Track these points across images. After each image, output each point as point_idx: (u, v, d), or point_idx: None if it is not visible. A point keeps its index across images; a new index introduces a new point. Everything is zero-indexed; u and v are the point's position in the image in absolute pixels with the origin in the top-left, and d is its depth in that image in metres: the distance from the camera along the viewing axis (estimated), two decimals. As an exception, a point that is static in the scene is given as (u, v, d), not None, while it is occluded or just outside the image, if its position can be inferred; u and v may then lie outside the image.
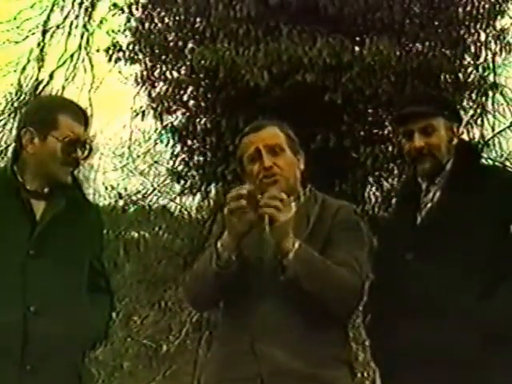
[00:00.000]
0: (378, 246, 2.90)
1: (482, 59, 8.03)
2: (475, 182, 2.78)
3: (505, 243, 2.71)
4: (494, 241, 2.70)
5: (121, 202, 8.98)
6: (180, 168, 8.18)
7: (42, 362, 2.44)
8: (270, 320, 2.49)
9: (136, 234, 8.85)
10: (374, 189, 8.11)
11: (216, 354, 2.68)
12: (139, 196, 9.38)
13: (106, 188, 9.89)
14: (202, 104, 7.87)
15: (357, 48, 7.23)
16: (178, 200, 9.29)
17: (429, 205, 2.84)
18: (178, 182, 8.36)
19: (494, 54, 8.13)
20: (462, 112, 6.73)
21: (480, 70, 8.01)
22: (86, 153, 2.62)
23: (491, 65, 8.22)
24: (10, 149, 2.99)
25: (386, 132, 7.80)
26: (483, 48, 7.97)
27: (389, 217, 3.89)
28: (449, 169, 2.85)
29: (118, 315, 6.59)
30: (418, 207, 2.87)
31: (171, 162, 8.43)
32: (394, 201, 6.70)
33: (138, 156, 10.32)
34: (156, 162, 10.22)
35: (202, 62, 7.25)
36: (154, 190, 9.68)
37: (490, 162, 8.04)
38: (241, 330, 2.54)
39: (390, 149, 7.50)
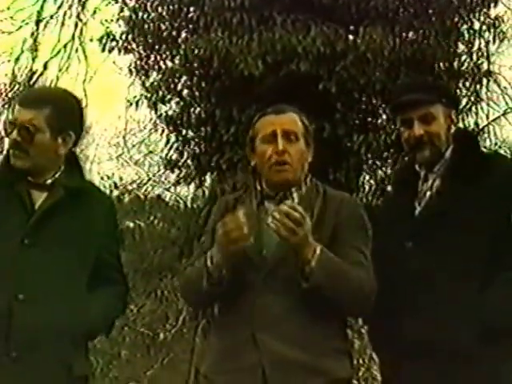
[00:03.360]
0: (375, 234, 2.91)
1: (475, 47, 8.03)
2: (475, 169, 2.78)
3: (505, 232, 2.71)
4: (495, 229, 2.70)
5: (116, 192, 8.97)
6: (175, 157, 8.17)
7: (29, 350, 2.43)
8: (270, 311, 2.50)
9: (131, 224, 8.84)
10: (367, 177, 8.12)
11: (216, 345, 2.67)
12: (134, 186, 9.38)
13: (102, 178, 9.89)
14: (196, 93, 7.83)
15: (351, 37, 7.21)
16: (173, 189, 9.29)
17: (428, 193, 2.84)
18: (173, 172, 8.36)
19: (488, 42, 8.13)
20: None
21: (474, 58, 8.01)
22: (26, 136, 2.53)
23: (485, 53, 8.23)
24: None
25: (379, 120, 7.80)
26: (477, 36, 7.98)
27: (385, 204, 3.87)
28: (448, 157, 2.85)
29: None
30: (416, 195, 2.87)
31: (166, 152, 8.43)
32: (388, 188, 6.71)
33: (133, 146, 10.34)
34: (151, 151, 10.24)
35: (196, 51, 7.22)
36: (149, 179, 9.69)
37: (485, 149, 8.06)
38: (241, 321, 2.54)
39: (384, 137, 7.50)
